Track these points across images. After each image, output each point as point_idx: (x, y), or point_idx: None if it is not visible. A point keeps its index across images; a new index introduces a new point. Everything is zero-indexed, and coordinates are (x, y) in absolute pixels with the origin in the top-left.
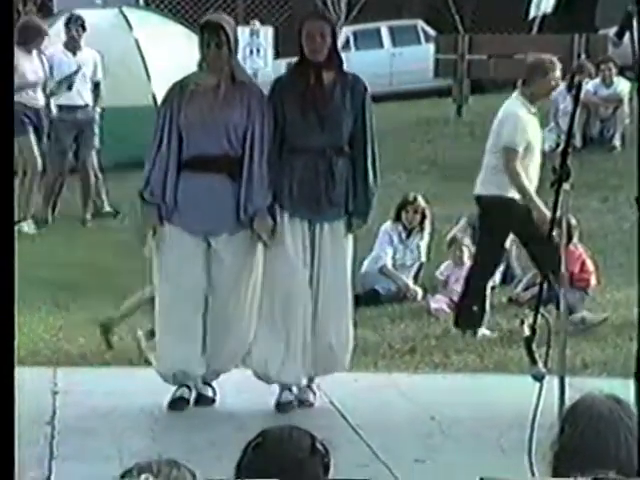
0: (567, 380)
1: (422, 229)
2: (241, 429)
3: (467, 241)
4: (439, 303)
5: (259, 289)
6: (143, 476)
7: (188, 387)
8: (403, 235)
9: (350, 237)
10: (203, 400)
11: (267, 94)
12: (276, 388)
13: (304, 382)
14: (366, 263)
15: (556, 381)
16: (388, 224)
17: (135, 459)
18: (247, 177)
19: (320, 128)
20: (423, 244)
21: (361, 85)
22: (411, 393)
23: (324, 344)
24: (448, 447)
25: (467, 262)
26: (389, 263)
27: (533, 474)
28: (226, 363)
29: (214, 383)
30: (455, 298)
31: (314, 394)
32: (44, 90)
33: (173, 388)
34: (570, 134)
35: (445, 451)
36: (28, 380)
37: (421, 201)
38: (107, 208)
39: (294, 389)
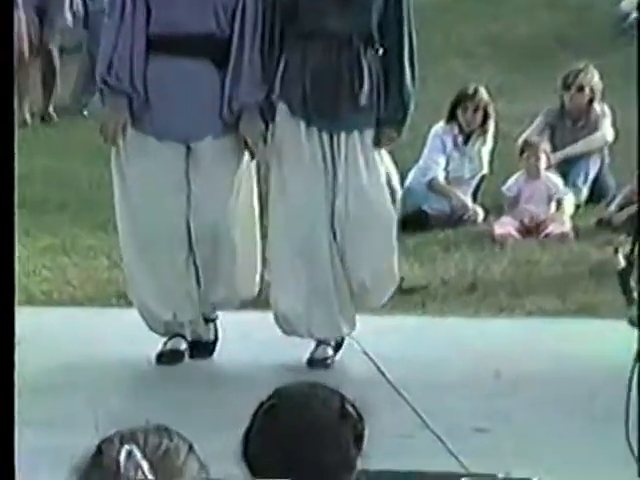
0: None
1: (484, 131)
2: (250, 387)
3: (545, 146)
4: (506, 227)
5: (256, 207)
6: (126, 447)
7: (183, 336)
8: (459, 139)
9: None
10: (201, 349)
11: None
12: (293, 338)
13: (345, 332)
14: (411, 176)
15: None
16: (440, 126)
17: (115, 426)
18: (234, 65)
19: (341, 8)
20: (485, 151)
21: None
22: (470, 342)
23: (356, 283)
24: (517, 412)
25: (544, 174)
26: (441, 176)
27: (631, 448)
28: (226, 295)
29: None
30: (527, 220)
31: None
32: None
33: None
34: None
35: (513, 417)
36: None
37: (483, 94)
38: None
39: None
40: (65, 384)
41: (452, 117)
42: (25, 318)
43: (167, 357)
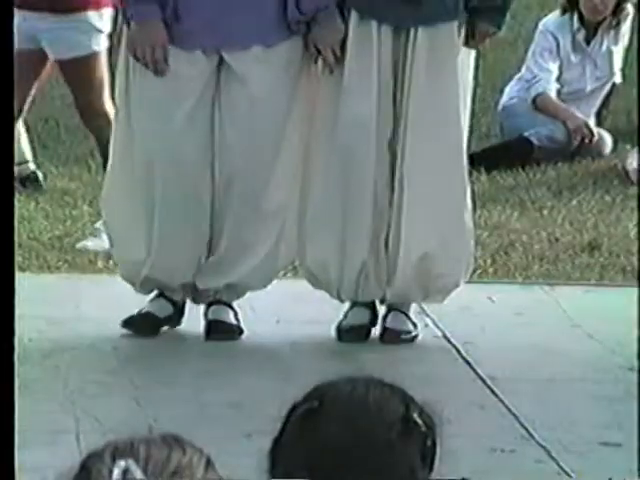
0: None
1: (617, 22)
2: (278, 378)
3: None
4: None
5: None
6: (121, 464)
7: (172, 302)
8: (580, 36)
9: (470, 52)
10: (220, 328)
11: None
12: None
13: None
14: (511, 91)
15: None
16: (552, 18)
17: (105, 435)
18: None
19: None
20: (618, 51)
21: None
22: (590, 321)
23: (411, 253)
24: None
25: None
26: (552, 89)
27: None
28: (252, 272)
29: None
30: None
31: (413, 324)
32: None
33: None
34: None
35: None
36: None
37: None
38: None
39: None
40: (31, 375)
41: (570, 4)
42: None
43: (135, 324)
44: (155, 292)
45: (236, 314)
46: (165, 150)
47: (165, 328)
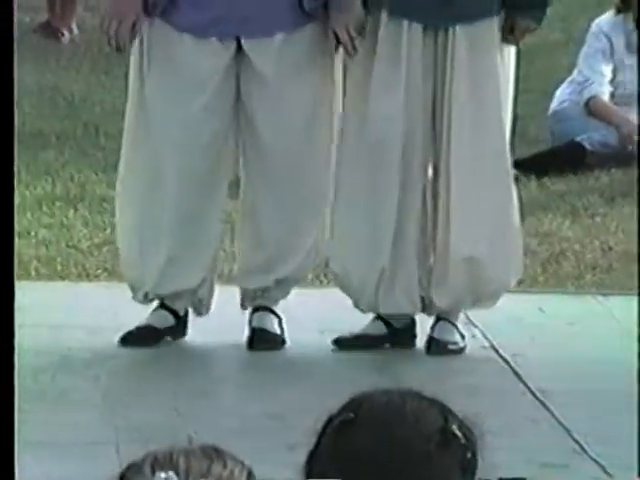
0: None
1: None
2: (320, 390)
3: None
4: None
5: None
6: (161, 475)
7: (173, 312)
8: (634, 37)
9: (511, 51)
10: (263, 338)
11: None
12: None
13: (409, 310)
14: (561, 94)
15: None
16: (605, 19)
17: (145, 446)
18: None
19: None
20: None
21: None
22: None
23: (459, 256)
24: None
25: None
26: (606, 93)
27: None
28: (300, 265)
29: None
30: None
31: (461, 335)
32: None
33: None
34: None
35: None
36: None
37: None
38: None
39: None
40: (71, 384)
41: (625, 4)
42: (17, 295)
43: (134, 338)
44: (156, 303)
45: (280, 321)
46: (177, 146)
47: (199, 340)
